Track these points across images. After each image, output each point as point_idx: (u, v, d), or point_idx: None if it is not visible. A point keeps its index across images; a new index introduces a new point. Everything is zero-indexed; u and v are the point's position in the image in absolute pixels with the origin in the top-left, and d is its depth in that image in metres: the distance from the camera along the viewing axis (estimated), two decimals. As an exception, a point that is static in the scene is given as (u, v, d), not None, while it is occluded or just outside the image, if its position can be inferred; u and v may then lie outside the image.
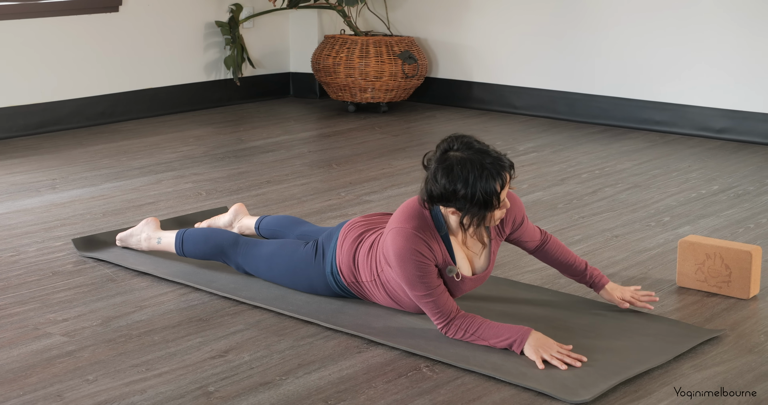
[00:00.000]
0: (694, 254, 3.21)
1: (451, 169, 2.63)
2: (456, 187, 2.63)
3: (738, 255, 3.14)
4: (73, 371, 2.62)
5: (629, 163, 4.94)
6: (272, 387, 2.54)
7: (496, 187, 2.63)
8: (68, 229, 3.82)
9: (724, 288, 3.17)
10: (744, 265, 3.13)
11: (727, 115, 5.47)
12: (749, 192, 4.40)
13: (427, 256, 2.73)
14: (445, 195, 2.65)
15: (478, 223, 2.69)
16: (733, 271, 3.15)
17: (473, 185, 2.61)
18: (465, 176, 2.61)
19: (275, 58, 6.67)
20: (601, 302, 3.08)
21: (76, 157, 5.01)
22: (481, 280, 2.89)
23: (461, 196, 2.63)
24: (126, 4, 5.83)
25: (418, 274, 2.73)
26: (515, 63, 6.15)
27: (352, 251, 2.95)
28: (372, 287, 2.94)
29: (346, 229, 3.00)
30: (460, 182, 2.62)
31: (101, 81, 5.80)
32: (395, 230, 2.75)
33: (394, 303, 2.94)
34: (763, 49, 5.31)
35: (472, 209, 2.65)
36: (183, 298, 3.14)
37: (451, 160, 2.64)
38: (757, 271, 3.15)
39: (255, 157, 5.05)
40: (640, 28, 5.67)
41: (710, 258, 3.18)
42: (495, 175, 2.63)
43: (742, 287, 3.14)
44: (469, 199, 2.63)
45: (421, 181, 2.72)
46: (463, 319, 2.74)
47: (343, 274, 2.97)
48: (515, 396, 2.49)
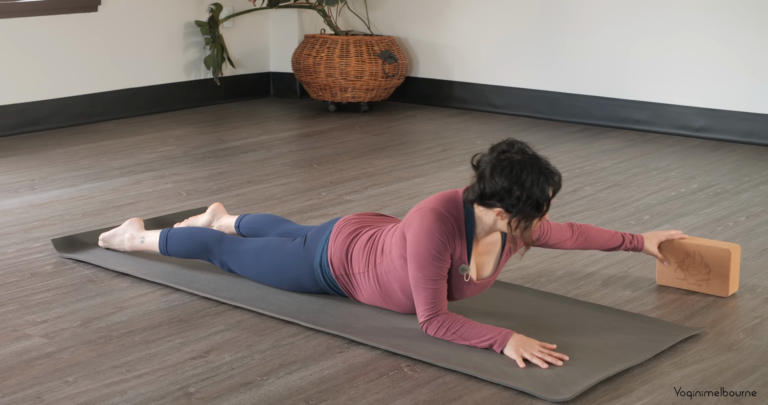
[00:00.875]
0: (674, 252, 3.23)
1: (510, 169, 2.66)
2: (512, 187, 2.66)
3: (717, 253, 3.15)
4: (53, 373, 2.61)
5: (609, 162, 4.96)
6: (253, 387, 2.53)
7: (549, 192, 2.68)
8: (47, 230, 3.80)
9: (703, 286, 3.19)
10: (723, 263, 3.14)
11: (706, 113, 5.50)
12: (728, 190, 4.43)
13: (449, 242, 2.75)
14: (498, 193, 2.68)
15: (525, 225, 2.72)
16: (713, 269, 3.16)
17: (530, 187, 2.65)
18: (523, 177, 2.65)
19: (255, 58, 6.66)
20: (581, 300, 3.10)
21: (55, 158, 4.98)
22: (483, 287, 2.91)
23: (516, 196, 2.66)
24: (105, 4, 5.81)
25: (435, 255, 2.73)
26: (496, 62, 6.16)
27: (346, 244, 2.96)
28: (362, 279, 2.94)
29: (341, 224, 3.03)
30: (517, 182, 2.66)
31: (80, 81, 5.77)
32: (428, 209, 2.77)
33: (380, 298, 2.94)
34: (741, 49, 5.34)
35: (524, 209, 2.68)
36: (163, 298, 3.13)
37: (510, 160, 2.67)
38: (735, 269, 3.17)
39: (235, 157, 5.04)
40: (619, 28, 5.70)
41: (690, 256, 3.20)
42: (550, 180, 2.68)
43: (721, 285, 3.16)
44: (523, 200, 2.66)
45: (472, 179, 2.73)
46: (447, 316, 2.75)
47: (333, 266, 2.98)
48: (496, 395, 2.50)
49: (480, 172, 2.71)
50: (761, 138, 5.34)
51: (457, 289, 2.84)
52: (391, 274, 2.87)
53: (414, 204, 4.18)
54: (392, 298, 2.92)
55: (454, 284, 2.83)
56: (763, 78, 5.30)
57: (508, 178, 2.66)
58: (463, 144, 5.34)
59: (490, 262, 2.88)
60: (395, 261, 2.85)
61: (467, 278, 2.82)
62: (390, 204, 4.20)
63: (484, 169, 2.70)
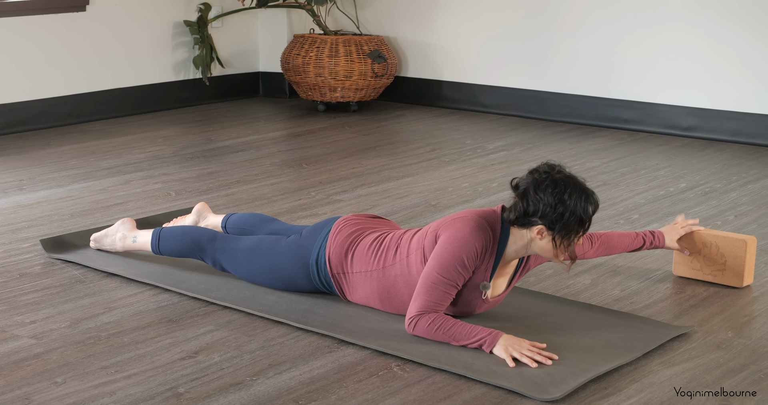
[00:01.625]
0: (691, 243, 3.28)
1: (554, 187, 2.71)
2: (556, 204, 2.71)
3: (734, 244, 3.20)
4: (42, 374, 2.60)
5: (598, 161, 4.97)
6: (243, 387, 2.53)
7: (590, 210, 2.73)
8: (36, 231, 3.79)
9: (718, 276, 3.25)
10: (739, 253, 3.20)
11: (694, 113, 5.51)
12: (716, 189, 4.44)
13: (478, 255, 2.77)
14: (541, 210, 2.72)
15: (568, 242, 2.75)
16: (728, 259, 3.22)
17: (574, 204, 2.70)
18: (567, 195, 2.71)
19: (244, 58, 6.65)
20: (571, 300, 3.10)
21: (43, 158, 4.97)
22: (492, 305, 2.93)
23: (559, 212, 2.70)
24: (93, 4, 5.79)
25: (463, 261, 2.75)
26: (485, 62, 6.17)
27: (347, 243, 2.97)
28: (361, 279, 2.94)
29: (341, 223, 3.04)
30: (561, 199, 2.71)
31: (69, 81, 5.76)
32: (471, 219, 2.79)
33: (377, 299, 2.94)
34: (729, 48, 5.36)
35: (567, 225, 2.71)
36: (153, 299, 3.12)
37: (554, 179, 2.73)
38: (751, 260, 3.23)
39: (224, 157, 5.03)
40: (608, 28, 5.71)
41: (707, 247, 3.25)
42: (591, 199, 2.73)
43: (736, 276, 3.22)
44: (567, 216, 2.70)
45: (513, 200, 2.78)
46: (438, 315, 2.75)
47: (330, 264, 2.98)
48: (486, 394, 2.50)
49: (522, 191, 2.75)
50: (749, 137, 5.36)
51: (470, 305, 2.86)
52: (402, 278, 2.87)
53: (403, 203, 4.19)
54: (393, 301, 2.92)
55: (470, 300, 2.84)
56: (751, 78, 5.32)
57: (552, 195, 2.71)
58: (453, 144, 5.35)
59: (503, 283, 2.92)
60: (412, 266, 2.85)
61: (485, 295, 2.84)
62: (379, 203, 4.20)
63: (526, 188, 2.74)
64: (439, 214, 4.03)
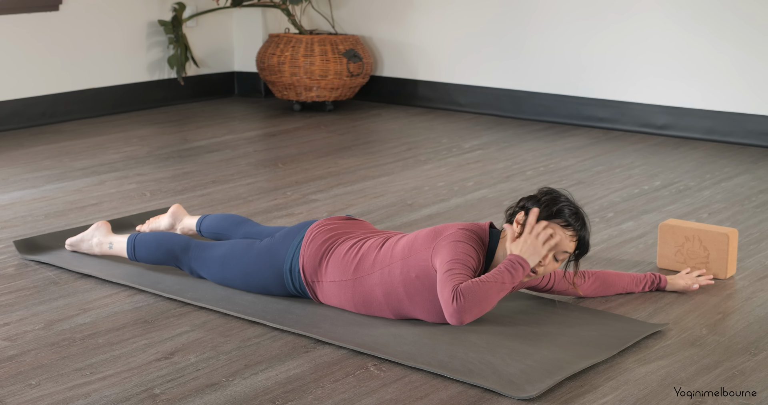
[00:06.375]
0: (674, 237, 3.34)
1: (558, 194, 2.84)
2: (556, 196, 2.82)
3: (715, 237, 3.27)
4: (15, 376, 2.58)
5: (573, 160, 4.99)
6: (219, 388, 2.52)
7: (586, 236, 2.83)
8: (9, 232, 3.76)
9: (702, 269, 3.29)
10: (721, 246, 3.25)
11: (668, 111, 5.54)
12: (690, 187, 4.47)
13: (476, 254, 2.80)
14: (536, 197, 2.83)
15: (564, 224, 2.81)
16: (711, 252, 3.28)
17: (573, 204, 2.83)
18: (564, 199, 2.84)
19: (219, 57, 6.63)
20: (546, 298, 3.11)
21: (16, 159, 4.93)
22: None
23: (554, 196, 2.82)
24: (66, 3, 5.76)
25: (466, 251, 2.76)
26: (460, 61, 6.18)
27: (320, 252, 2.95)
28: (335, 288, 2.92)
29: (314, 230, 3.00)
30: (560, 195, 2.84)
31: (42, 81, 5.72)
32: (467, 229, 2.83)
33: (352, 307, 2.93)
34: (702, 47, 5.39)
35: (556, 202, 2.81)
36: (128, 300, 3.10)
37: (564, 196, 2.84)
38: (733, 252, 3.29)
39: (200, 157, 5.01)
40: (582, 27, 5.73)
41: (689, 240, 3.30)
42: (583, 220, 2.83)
43: (720, 268, 3.28)
44: (561, 202, 2.81)
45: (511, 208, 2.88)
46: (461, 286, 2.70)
47: (304, 272, 2.96)
48: (462, 393, 2.50)
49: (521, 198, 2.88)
50: (722, 135, 5.39)
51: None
52: (381, 287, 2.85)
53: (379, 202, 4.19)
54: (370, 310, 2.91)
55: None
56: (722, 77, 5.36)
57: (549, 192, 2.84)
58: (429, 143, 5.35)
59: None
60: (395, 275, 2.83)
61: None
62: (355, 203, 4.20)
63: (528, 197, 2.87)
64: (415, 214, 4.03)
